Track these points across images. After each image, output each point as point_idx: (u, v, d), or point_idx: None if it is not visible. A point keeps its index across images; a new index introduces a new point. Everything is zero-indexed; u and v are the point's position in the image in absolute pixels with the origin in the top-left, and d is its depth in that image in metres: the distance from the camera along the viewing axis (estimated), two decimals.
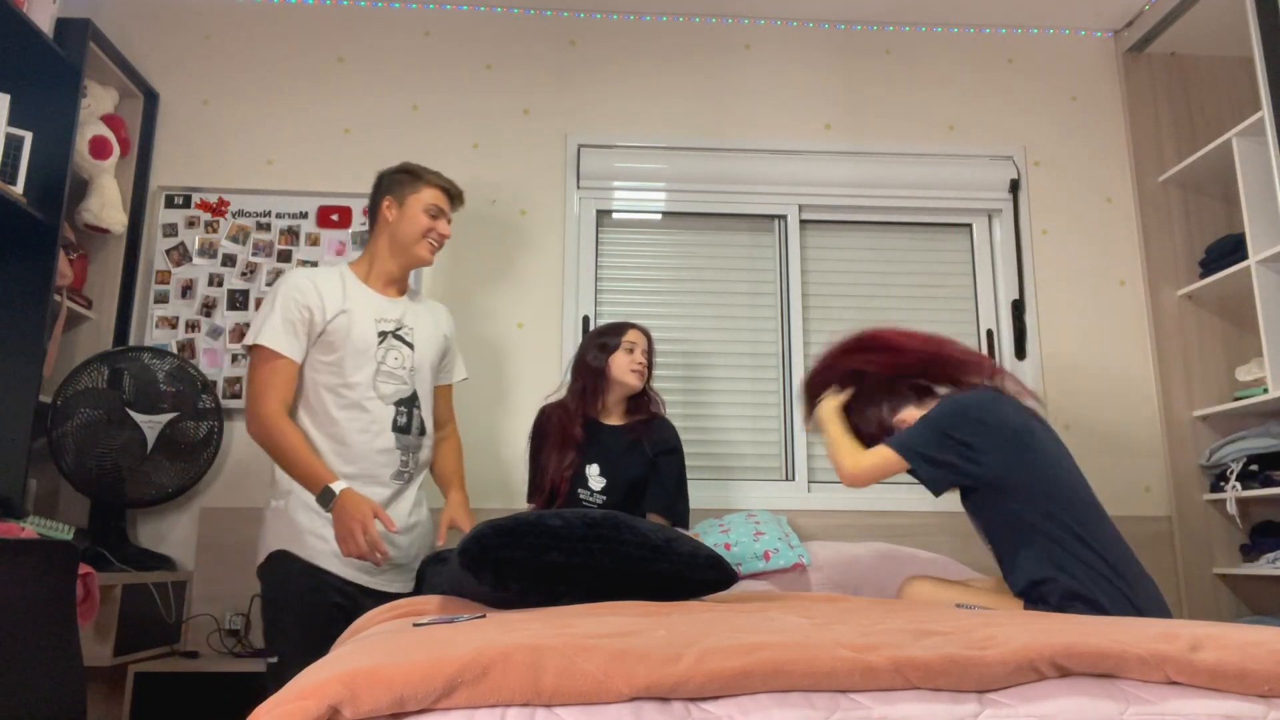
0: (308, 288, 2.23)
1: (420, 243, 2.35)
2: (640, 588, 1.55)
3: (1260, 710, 0.92)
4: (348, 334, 2.23)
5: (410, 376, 2.32)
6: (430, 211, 2.36)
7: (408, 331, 2.35)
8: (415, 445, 2.31)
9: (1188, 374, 3.23)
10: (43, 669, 1.86)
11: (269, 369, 2.16)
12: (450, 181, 2.42)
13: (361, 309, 2.28)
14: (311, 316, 2.21)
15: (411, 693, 0.87)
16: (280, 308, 2.19)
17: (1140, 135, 3.42)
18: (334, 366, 2.21)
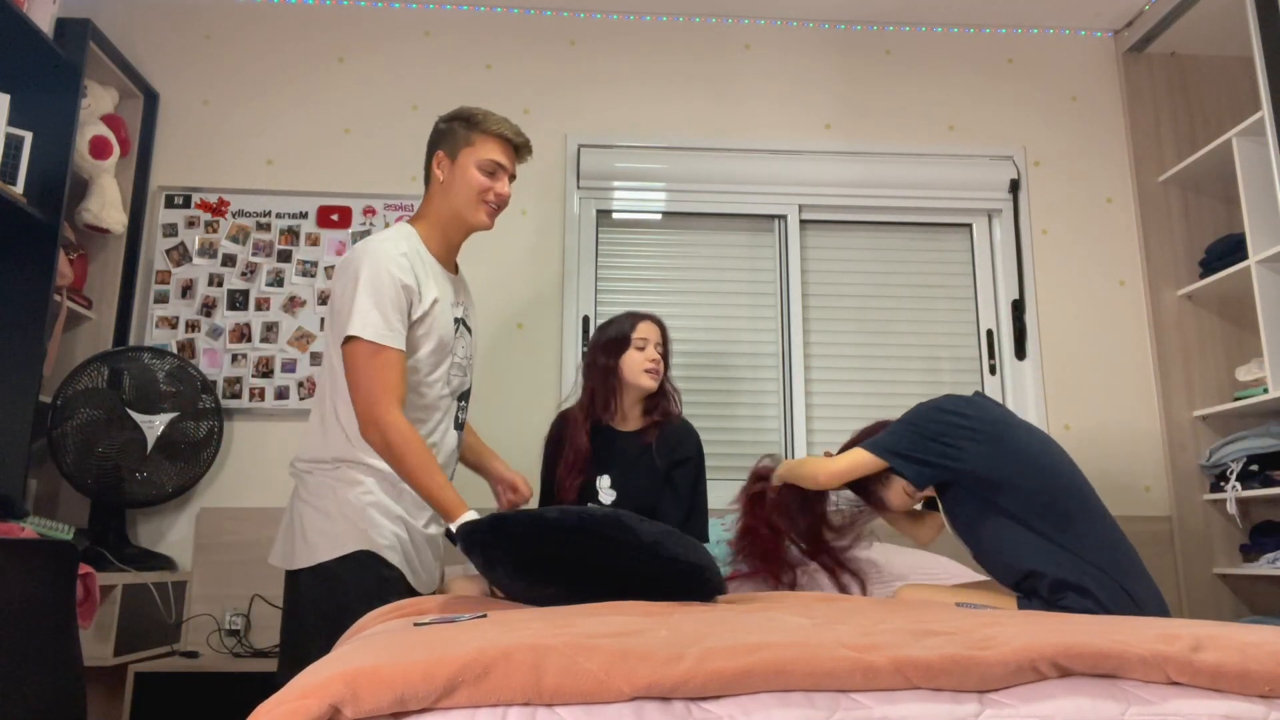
0: (401, 263, 1.93)
1: (476, 207, 2.04)
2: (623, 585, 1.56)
3: (1260, 710, 0.92)
4: (441, 323, 1.98)
5: (469, 369, 2.14)
6: (486, 168, 2.03)
7: (470, 316, 2.15)
8: (459, 443, 2.16)
9: (1188, 374, 3.23)
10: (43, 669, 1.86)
11: (379, 363, 1.86)
12: (515, 129, 2.08)
13: (444, 292, 2.03)
14: (410, 301, 1.93)
15: (413, 692, 0.87)
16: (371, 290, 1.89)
17: (1140, 135, 3.42)
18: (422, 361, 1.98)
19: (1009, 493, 1.95)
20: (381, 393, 1.84)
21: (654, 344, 2.38)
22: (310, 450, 1.99)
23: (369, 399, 1.85)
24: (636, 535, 1.53)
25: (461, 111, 2.08)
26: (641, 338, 2.38)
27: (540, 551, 1.54)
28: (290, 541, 1.97)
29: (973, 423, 2.00)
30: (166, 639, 2.77)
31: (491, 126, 2.04)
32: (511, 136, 2.07)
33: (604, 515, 1.57)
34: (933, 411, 2.05)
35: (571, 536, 1.52)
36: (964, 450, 1.98)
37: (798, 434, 3.22)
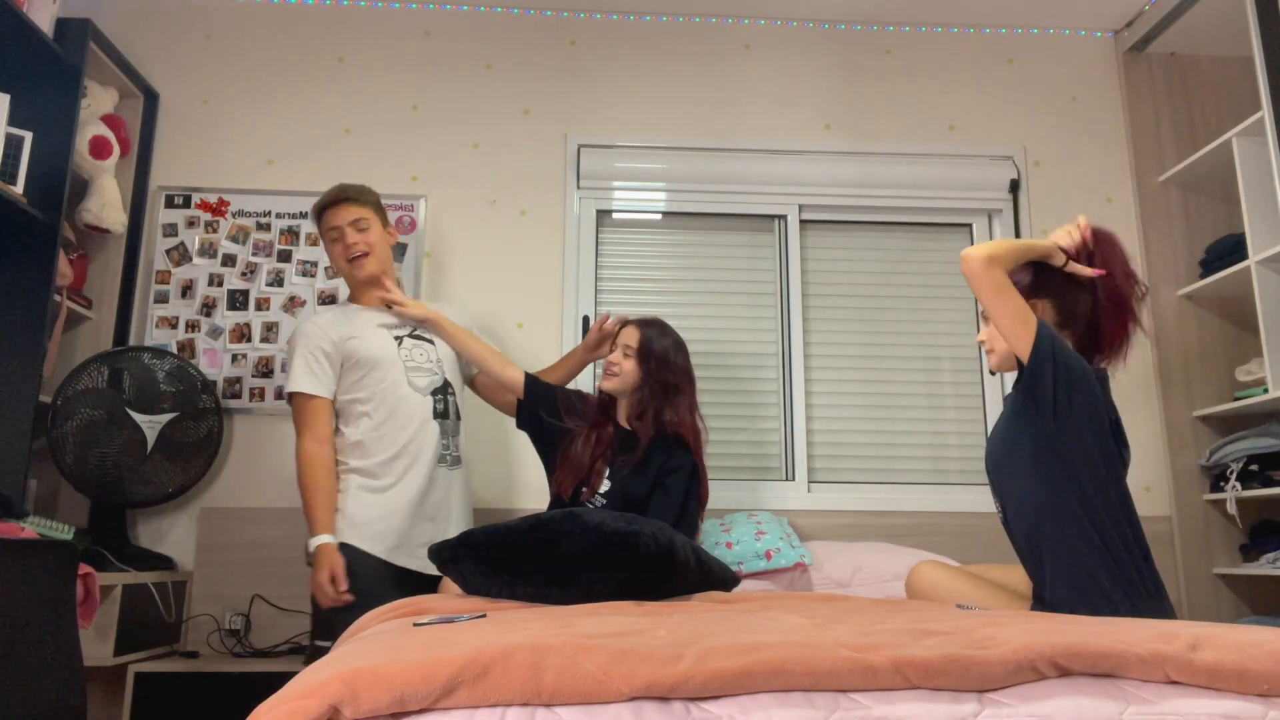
0: (314, 330, 2.46)
1: (345, 268, 2.54)
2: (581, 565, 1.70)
3: (1259, 710, 0.92)
4: (365, 351, 2.45)
5: (438, 367, 2.53)
6: (331, 236, 2.52)
7: (423, 329, 2.58)
8: (454, 430, 2.53)
9: (1188, 374, 3.23)
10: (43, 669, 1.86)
11: (304, 412, 2.41)
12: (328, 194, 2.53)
13: (368, 326, 2.50)
14: (325, 352, 2.44)
15: (412, 692, 0.87)
16: (299, 356, 2.44)
17: (1140, 135, 3.42)
18: (364, 380, 2.44)
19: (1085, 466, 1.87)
20: (300, 431, 2.41)
21: (621, 347, 2.46)
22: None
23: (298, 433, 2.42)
24: (583, 522, 1.72)
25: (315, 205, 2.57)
26: (616, 342, 2.50)
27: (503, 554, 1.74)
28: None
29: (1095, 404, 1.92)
30: (166, 639, 2.77)
31: (317, 205, 2.54)
32: (326, 201, 2.52)
33: (555, 514, 1.77)
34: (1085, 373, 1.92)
35: (527, 535, 1.73)
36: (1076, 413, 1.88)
37: (798, 434, 3.22)
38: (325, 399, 2.44)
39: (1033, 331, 1.91)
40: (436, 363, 2.54)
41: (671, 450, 2.42)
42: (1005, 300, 1.95)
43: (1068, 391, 1.89)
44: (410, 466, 2.42)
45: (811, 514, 3.10)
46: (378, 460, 2.41)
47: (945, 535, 3.11)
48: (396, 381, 2.45)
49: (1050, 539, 1.89)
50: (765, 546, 2.65)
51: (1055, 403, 1.89)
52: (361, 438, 2.42)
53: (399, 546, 2.38)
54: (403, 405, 2.44)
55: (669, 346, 2.46)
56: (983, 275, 1.96)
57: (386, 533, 2.37)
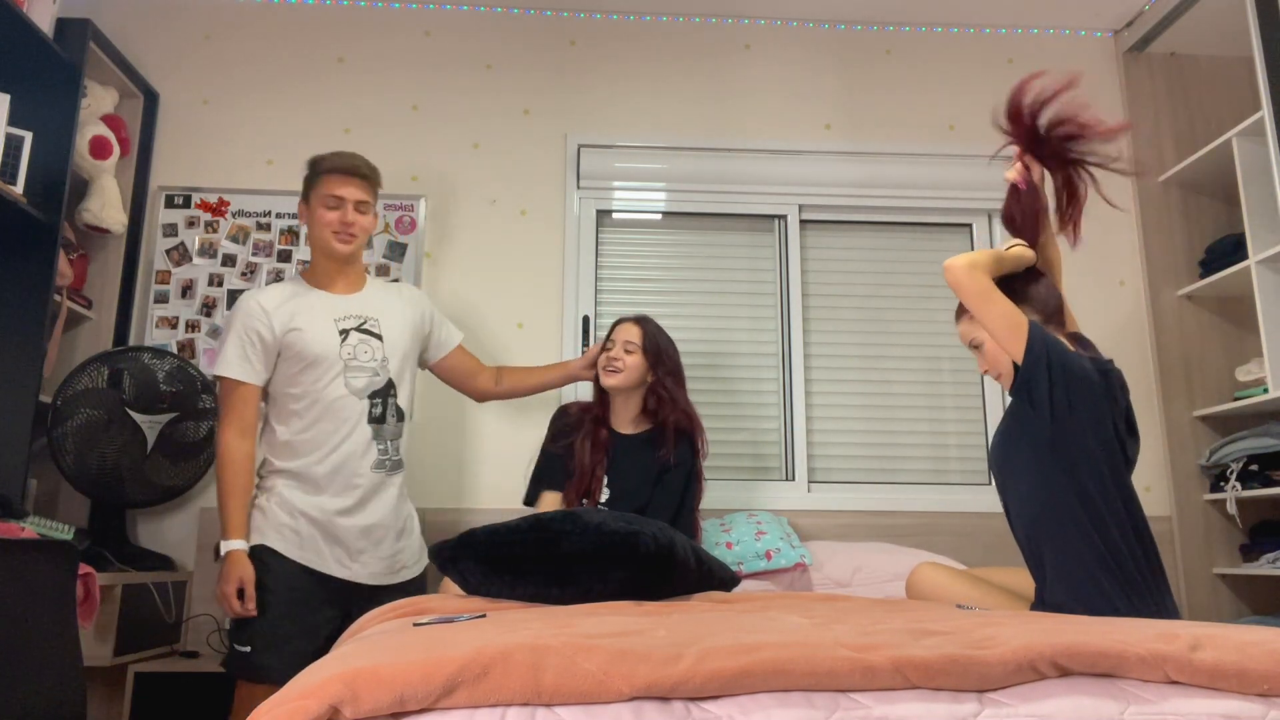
0: (256, 311, 2.28)
1: (330, 238, 2.33)
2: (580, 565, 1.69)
3: (1259, 709, 0.92)
4: (304, 345, 2.28)
5: (383, 367, 2.36)
6: (328, 204, 2.32)
7: (373, 323, 2.38)
8: (395, 433, 2.37)
9: (1188, 374, 3.23)
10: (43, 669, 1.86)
11: (231, 397, 2.27)
12: (347, 159, 2.36)
13: (314, 317, 2.32)
14: (262, 338, 2.27)
15: (412, 692, 0.87)
16: (233, 336, 2.28)
17: (1140, 135, 3.42)
18: (300, 375, 2.28)
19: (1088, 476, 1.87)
20: (223, 418, 2.27)
21: (621, 343, 2.46)
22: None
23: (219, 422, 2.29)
24: (583, 522, 1.72)
25: (311, 159, 2.40)
26: (612, 339, 2.49)
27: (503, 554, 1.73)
28: None
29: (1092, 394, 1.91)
30: (166, 639, 2.77)
31: (328, 163, 2.35)
32: (344, 167, 2.34)
33: (555, 514, 1.77)
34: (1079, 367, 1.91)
35: (528, 535, 1.72)
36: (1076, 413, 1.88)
37: (797, 434, 3.22)
38: (254, 386, 2.28)
39: (1024, 335, 1.91)
40: (381, 362, 2.36)
41: (680, 447, 2.45)
42: (993, 305, 1.95)
43: (1066, 393, 1.88)
44: (338, 471, 2.27)
45: (811, 514, 3.10)
46: (305, 462, 2.27)
47: (945, 535, 3.11)
48: (332, 382, 2.29)
49: (1050, 539, 1.89)
50: (765, 546, 2.65)
51: (1053, 405, 1.88)
52: (291, 438, 2.28)
53: (323, 552, 2.25)
54: (335, 408, 2.28)
55: (666, 339, 2.52)
56: (967, 282, 1.97)
57: (311, 538, 2.24)
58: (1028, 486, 1.94)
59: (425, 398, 3.12)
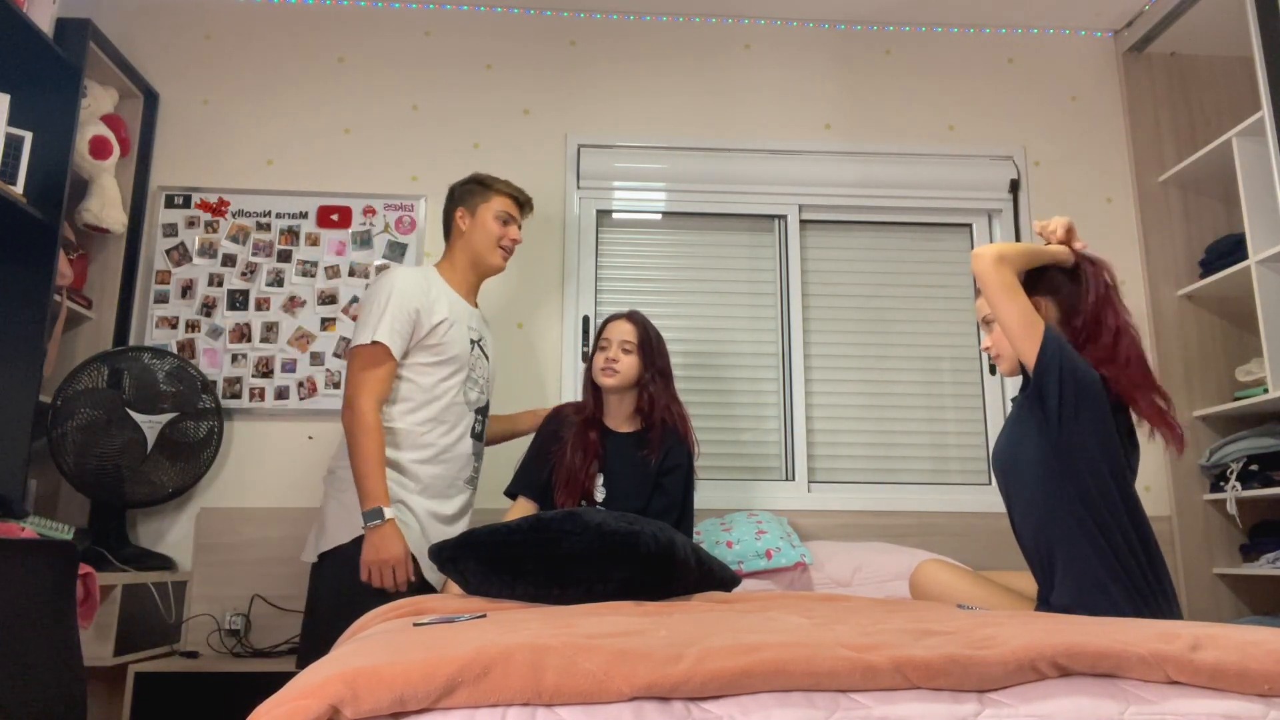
0: (417, 291, 2.31)
1: (494, 250, 2.46)
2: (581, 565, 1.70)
3: (1260, 709, 0.92)
4: (448, 339, 2.33)
5: (487, 386, 2.49)
6: (501, 218, 2.47)
7: (486, 342, 2.51)
8: (481, 453, 2.49)
9: (1188, 374, 3.23)
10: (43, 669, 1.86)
11: (375, 368, 2.24)
12: (519, 189, 2.53)
13: (459, 316, 2.40)
14: (419, 319, 2.30)
15: (412, 692, 0.87)
16: (392, 307, 2.26)
17: (1140, 135, 3.42)
18: (435, 370, 2.32)
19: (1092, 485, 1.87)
20: (362, 385, 2.21)
21: (617, 343, 2.42)
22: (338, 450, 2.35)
23: (352, 389, 2.22)
24: (584, 522, 1.72)
25: (475, 176, 2.52)
26: (605, 338, 2.46)
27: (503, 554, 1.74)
28: (316, 536, 2.31)
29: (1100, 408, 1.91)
30: (166, 639, 2.77)
31: (502, 186, 2.49)
32: (517, 194, 2.52)
33: (556, 514, 1.77)
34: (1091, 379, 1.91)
35: (528, 535, 1.73)
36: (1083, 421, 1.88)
37: (798, 434, 3.22)
38: (396, 362, 2.28)
39: (1039, 337, 1.91)
40: (487, 381, 2.49)
41: (670, 446, 2.44)
42: (1013, 301, 1.94)
43: (1074, 400, 1.89)
44: (442, 478, 2.33)
45: (811, 514, 3.10)
46: (416, 456, 2.29)
47: (945, 535, 3.11)
48: (458, 386, 2.36)
49: (1059, 545, 1.89)
50: (765, 546, 2.65)
51: (1061, 411, 1.88)
52: (409, 428, 2.29)
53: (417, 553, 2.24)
54: (454, 412, 2.36)
55: (657, 334, 2.51)
56: (992, 274, 1.96)
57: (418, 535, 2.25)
58: (1033, 491, 1.94)
59: None
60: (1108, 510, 1.87)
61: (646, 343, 2.44)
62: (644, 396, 2.44)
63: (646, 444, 2.43)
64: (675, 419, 2.45)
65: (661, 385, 2.45)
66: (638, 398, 2.45)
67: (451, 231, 2.50)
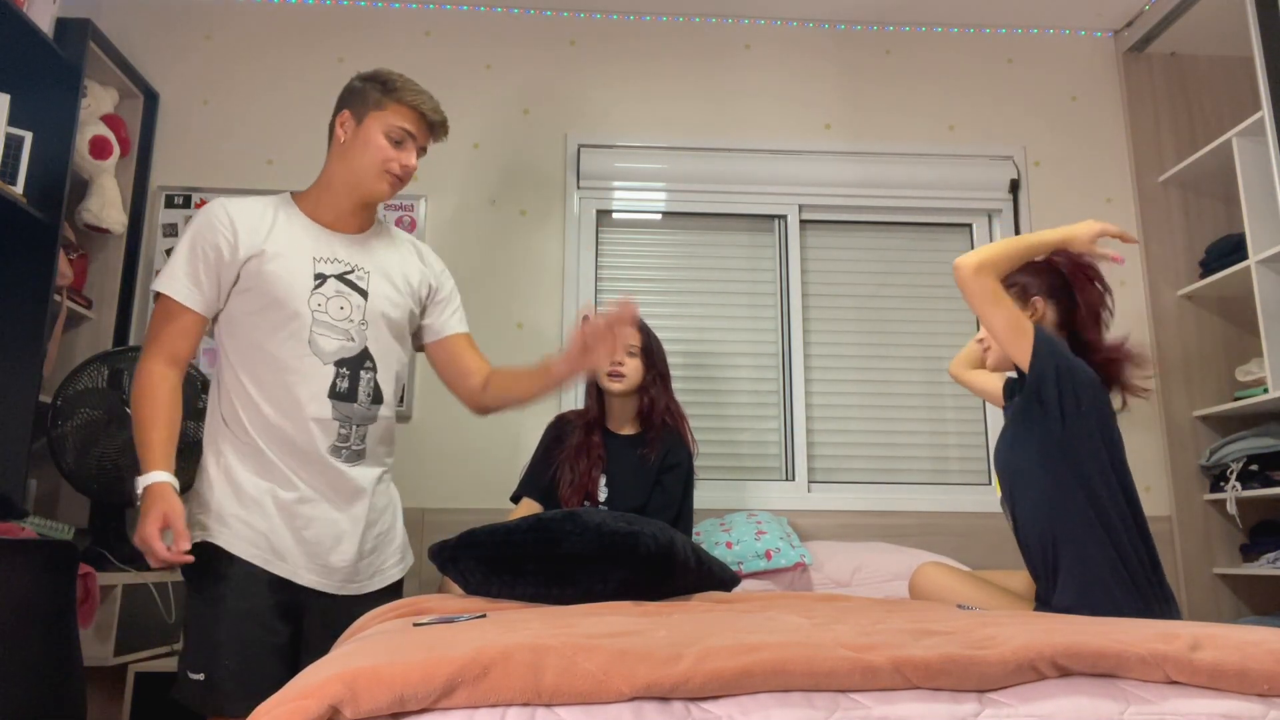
0: (221, 223, 1.87)
1: (376, 174, 1.92)
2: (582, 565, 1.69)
3: (1260, 709, 0.92)
4: (266, 278, 1.85)
5: (359, 331, 1.91)
6: (393, 135, 1.91)
7: (360, 275, 1.94)
8: (364, 416, 1.90)
9: (1188, 374, 3.23)
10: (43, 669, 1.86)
11: (165, 323, 1.84)
12: (434, 105, 1.96)
13: (292, 247, 1.89)
14: (220, 258, 1.85)
15: (412, 692, 0.87)
16: (186, 248, 1.85)
17: (1140, 135, 3.42)
18: (256, 317, 1.86)
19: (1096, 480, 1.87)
20: (151, 343, 1.84)
21: (622, 349, 2.42)
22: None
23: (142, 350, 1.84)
24: (583, 522, 1.71)
25: (379, 73, 1.95)
26: None
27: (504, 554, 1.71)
28: None
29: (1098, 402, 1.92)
30: (166, 639, 2.76)
31: (407, 97, 1.92)
32: (428, 113, 1.94)
33: (557, 513, 1.75)
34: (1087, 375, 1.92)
35: (528, 535, 1.70)
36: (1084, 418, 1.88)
37: (797, 434, 3.22)
38: (196, 315, 1.86)
39: (1030, 339, 1.92)
40: (358, 324, 1.91)
41: (670, 446, 2.46)
42: (998, 309, 1.94)
43: (1074, 394, 1.89)
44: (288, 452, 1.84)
45: (811, 514, 3.10)
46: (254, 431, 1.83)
47: (945, 535, 3.11)
48: (294, 334, 1.85)
49: (1065, 545, 1.88)
50: (765, 546, 2.65)
51: (1063, 406, 1.89)
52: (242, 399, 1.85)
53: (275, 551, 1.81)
54: (292, 368, 1.84)
55: (657, 340, 2.53)
56: (972, 283, 1.96)
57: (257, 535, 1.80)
58: (1038, 492, 1.93)
59: (424, 397, 3.12)
60: (1113, 508, 1.87)
61: (649, 347, 2.47)
62: (645, 399, 2.47)
63: (646, 444, 2.46)
64: (675, 420, 2.49)
65: (662, 388, 2.49)
66: (639, 401, 2.49)
67: (331, 139, 1.97)
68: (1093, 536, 1.86)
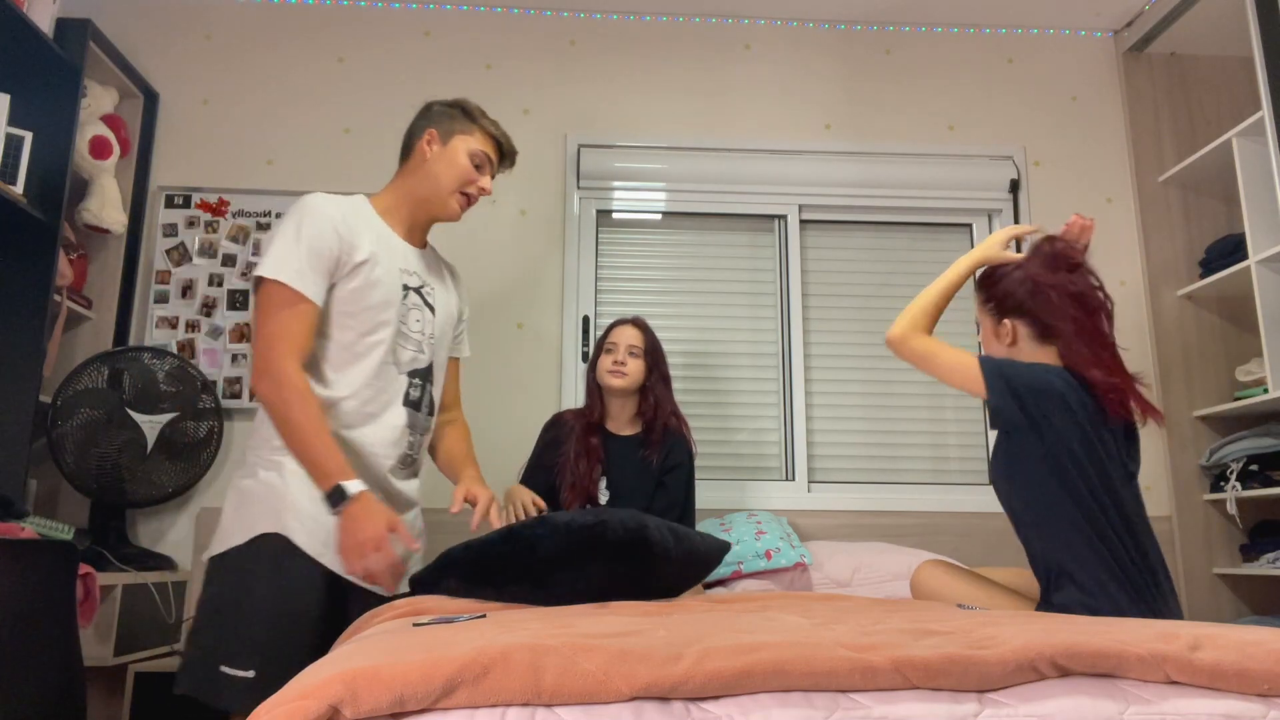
0: (337, 217, 1.85)
1: (453, 194, 1.99)
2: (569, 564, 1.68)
3: (1260, 709, 0.92)
4: (368, 283, 1.86)
5: (428, 345, 1.99)
6: (476, 159, 2.00)
7: (429, 292, 2.02)
8: (424, 426, 2.00)
9: (1188, 374, 3.23)
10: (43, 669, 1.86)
11: (288, 313, 1.76)
12: (507, 136, 2.08)
13: (387, 256, 1.92)
14: (331, 255, 1.82)
15: (412, 692, 0.87)
16: (307, 238, 1.80)
17: (1140, 135, 3.42)
18: (349, 319, 1.86)
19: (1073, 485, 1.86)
20: (280, 339, 1.74)
21: (624, 347, 2.45)
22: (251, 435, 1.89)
23: (267, 344, 1.74)
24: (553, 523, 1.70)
25: (461, 101, 2.06)
26: (612, 342, 2.47)
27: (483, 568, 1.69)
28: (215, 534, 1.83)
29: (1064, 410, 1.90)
30: (166, 639, 2.77)
31: (489, 125, 2.05)
32: (503, 141, 2.07)
33: (527, 520, 1.73)
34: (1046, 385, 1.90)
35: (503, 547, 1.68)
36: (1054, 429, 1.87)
37: (797, 434, 3.22)
38: (314, 306, 1.80)
39: (977, 373, 1.93)
40: (429, 339, 1.99)
41: (670, 446, 2.47)
42: (937, 362, 1.99)
43: (1039, 407, 1.88)
44: (365, 456, 1.86)
45: (811, 514, 3.10)
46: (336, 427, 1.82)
47: (945, 535, 3.11)
48: (382, 341, 1.88)
49: (1063, 551, 1.88)
50: (765, 546, 2.65)
51: (1032, 421, 1.88)
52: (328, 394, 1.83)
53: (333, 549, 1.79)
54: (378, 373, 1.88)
55: (659, 341, 2.54)
56: (904, 352, 2.03)
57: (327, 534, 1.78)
58: (1030, 503, 1.94)
59: None
60: (1100, 511, 1.87)
61: (652, 349, 2.49)
62: (648, 400, 2.48)
63: (648, 445, 2.46)
64: (677, 421, 2.50)
65: (664, 389, 2.50)
66: (640, 401, 2.50)
67: (411, 154, 2.02)
68: (1084, 539, 1.86)
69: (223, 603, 1.73)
